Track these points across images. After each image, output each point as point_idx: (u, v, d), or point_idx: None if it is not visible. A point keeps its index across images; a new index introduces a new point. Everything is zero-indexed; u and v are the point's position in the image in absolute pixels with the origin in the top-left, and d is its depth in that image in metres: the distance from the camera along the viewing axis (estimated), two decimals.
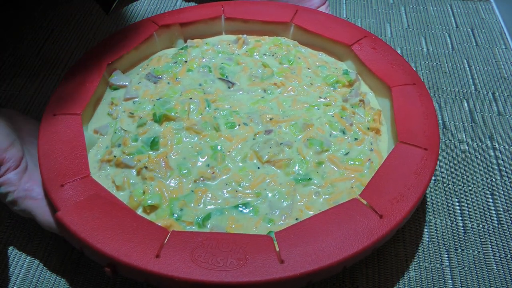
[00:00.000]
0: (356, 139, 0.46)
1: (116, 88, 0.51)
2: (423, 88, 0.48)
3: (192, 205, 0.41)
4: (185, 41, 0.57)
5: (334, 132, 0.47)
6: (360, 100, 0.50)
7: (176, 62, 0.53)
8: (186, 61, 0.53)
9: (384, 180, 0.41)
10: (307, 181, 0.43)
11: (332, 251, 0.36)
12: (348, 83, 0.52)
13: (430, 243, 0.46)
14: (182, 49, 0.56)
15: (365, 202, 0.39)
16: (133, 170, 0.43)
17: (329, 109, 0.49)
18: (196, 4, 0.61)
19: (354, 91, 0.50)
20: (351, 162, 0.44)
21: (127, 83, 0.51)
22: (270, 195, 0.42)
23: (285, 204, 0.41)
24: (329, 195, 0.42)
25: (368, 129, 0.47)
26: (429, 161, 0.42)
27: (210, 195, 0.42)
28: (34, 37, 0.67)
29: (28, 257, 0.45)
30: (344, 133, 0.47)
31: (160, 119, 0.46)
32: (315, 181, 0.43)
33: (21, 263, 0.44)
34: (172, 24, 0.56)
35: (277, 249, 0.36)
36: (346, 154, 0.45)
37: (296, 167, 0.44)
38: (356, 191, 0.42)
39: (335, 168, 0.44)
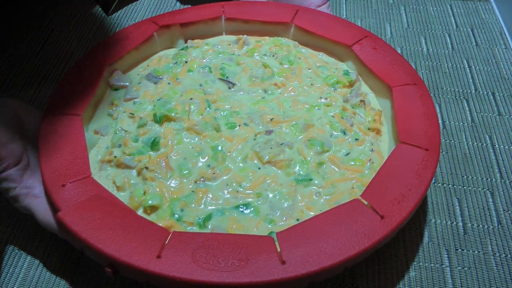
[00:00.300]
0: (356, 139, 0.46)
1: (116, 88, 0.51)
2: (424, 89, 0.48)
3: (193, 205, 0.41)
4: (186, 42, 0.57)
5: (334, 133, 0.47)
6: (361, 101, 0.50)
7: (176, 62, 0.53)
8: (186, 62, 0.53)
9: (385, 180, 0.41)
10: (308, 181, 0.43)
11: (334, 252, 0.36)
12: (348, 83, 0.52)
13: (430, 243, 0.46)
14: (182, 49, 0.56)
15: (366, 203, 0.39)
16: (134, 171, 0.43)
17: (330, 109, 0.49)
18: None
19: (355, 91, 0.50)
20: (352, 163, 0.44)
21: (127, 84, 0.51)
22: (271, 195, 0.42)
23: (286, 205, 0.41)
24: (330, 195, 0.42)
25: (369, 129, 0.47)
26: (430, 161, 0.42)
27: (210, 196, 0.42)
28: (34, 37, 0.67)
29: (28, 257, 0.45)
30: (344, 133, 0.47)
31: (160, 119, 0.46)
32: (316, 182, 0.43)
33: (21, 263, 0.44)
34: (173, 25, 0.56)
35: (279, 249, 0.36)
36: (347, 154, 0.45)
37: (297, 168, 0.44)
38: (357, 192, 0.42)
39: (336, 169, 0.44)
